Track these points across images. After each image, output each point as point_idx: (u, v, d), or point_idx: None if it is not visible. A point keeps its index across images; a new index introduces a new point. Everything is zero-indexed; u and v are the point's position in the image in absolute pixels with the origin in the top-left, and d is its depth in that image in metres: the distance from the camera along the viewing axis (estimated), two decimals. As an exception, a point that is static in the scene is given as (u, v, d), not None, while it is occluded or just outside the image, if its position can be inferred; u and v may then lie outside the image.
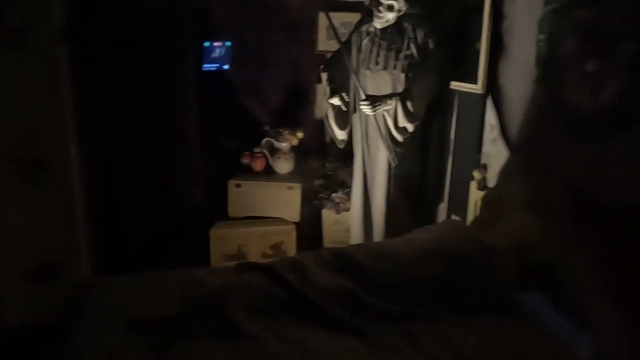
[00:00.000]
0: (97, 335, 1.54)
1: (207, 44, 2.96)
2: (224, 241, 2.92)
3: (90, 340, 1.51)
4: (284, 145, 3.00)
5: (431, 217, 2.85)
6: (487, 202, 2.22)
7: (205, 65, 2.98)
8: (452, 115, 2.69)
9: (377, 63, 2.49)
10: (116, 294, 1.79)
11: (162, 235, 2.80)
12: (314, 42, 3.19)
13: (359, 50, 2.60)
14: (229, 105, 3.11)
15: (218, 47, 3.00)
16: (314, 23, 3.12)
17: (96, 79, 2.40)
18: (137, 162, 2.70)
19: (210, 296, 1.77)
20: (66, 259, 2.22)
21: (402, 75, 2.47)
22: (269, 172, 3.07)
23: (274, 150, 3.04)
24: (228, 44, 3.02)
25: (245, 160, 3.06)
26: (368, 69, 2.53)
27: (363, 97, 2.45)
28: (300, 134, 3.03)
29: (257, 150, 3.05)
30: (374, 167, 2.62)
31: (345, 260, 1.95)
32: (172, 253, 2.79)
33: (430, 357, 1.47)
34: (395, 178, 2.58)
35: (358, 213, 2.74)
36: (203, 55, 2.96)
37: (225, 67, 3.03)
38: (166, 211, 2.82)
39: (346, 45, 2.59)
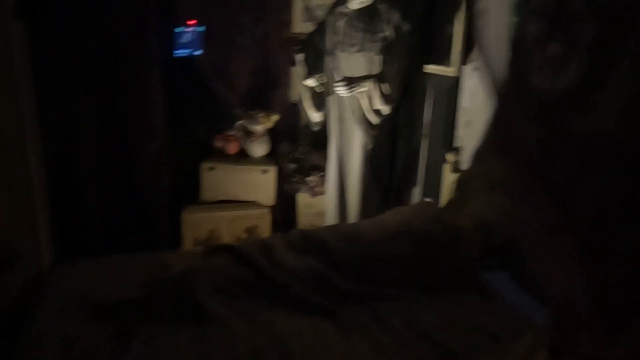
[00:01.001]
0: (57, 322, 1.49)
1: (178, 29, 2.83)
2: (196, 225, 2.87)
3: (49, 328, 1.47)
4: (258, 128, 2.95)
5: (405, 201, 2.84)
6: (459, 185, 2.22)
7: (177, 52, 2.86)
8: (424, 99, 2.68)
9: (352, 45, 2.45)
10: (77, 281, 1.74)
11: (127, 221, 2.73)
12: (287, 23, 3.12)
13: (334, 31, 2.55)
14: (199, 89, 3.04)
15: (190, 32, 2.90)
16: (287, 4, 3.05)
17: (56, 57, 2.30)
18: (99, 145, 2.60)
19: (175, 279, 1.74)
20: (25, 245, 2.15)
21: (377, 58, 2.44)
22: (242, 156, 3.02)
23: (247, 133, 2.99)
24: (200, 29, 2.91)
25: (219, 144, 3.01)
26: (343, 50, 2.49)
27: (339, 78, 2.42)
28: (275, 117, 2.98)
29: (231, 133, 2.99)
30: (349, 150, 2.60)
31: (314, 241, 1.93)
32: (138, 239, 2.73)
33: (396, 336, 1.47)
34: (370, 161, 2.56)
35: (333, 196, 2.73)
36: (173, 40, 2.84)
37: (198, 52, 2.93)
38: (130, 196, 2.75)
39: (321, 26, 2.54)
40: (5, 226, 2.09)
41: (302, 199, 3.05)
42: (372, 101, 2.44)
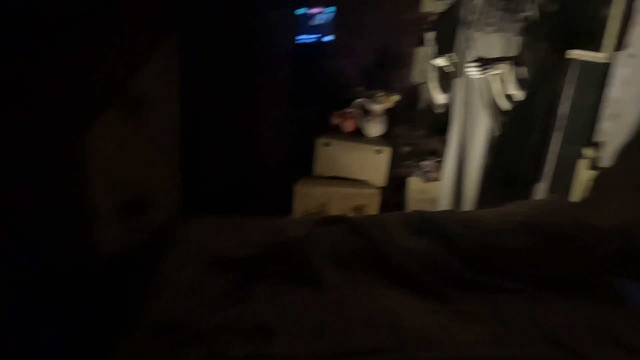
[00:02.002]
0: (183, 268, 1.59)
1: (301, 10, 2.64)
2: (307, 198, 2.93)
3: (177, 272, 1.57)
4: (377, 108, 2.91)
5: (527, 196, 2.64)
6: (598, 183, 2.00)
7: (302, 37, 2.70)
8: (562, 87, 2.45)
9: (489, 24, 2.30)
10: (201, 233, 1.84)
11: (245, 185, 2.86)
12: (416, 2, 3.03)
13: (470, 9, 2.41)
14: (321, 64, 3.06)
15: (317, 14, 2.77)
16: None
17: (198, 29, 2.45)
18: (229, 112, 2.75)
19: (293, 243, 1.77)
20: (159, 195, 2.33)
21: (516, 39, 2.27)
22: (358, 134, 3.01)
23: (365, 112, 2.97)
24: (330, 9, 2.75)
25: (336, 120, 3.02)
26: (478, 30, 2.34)
27: (472, 58, 2.29)
28: (395, 97, 2.92)
29: (349, 110, 2.99)
30: (472, 136, 2.47)
31: (432, 224, 1.86)
32: (253, 204, 2.85)
33: (518, 331, 1.36)
34: (494, 150, 2.41)
35: (449, 183, 2.61)
36: (299, 24, 2.70)
37: (328, 38, 2.77)
38: (252, 163, 2.87)
39: (456, 4, 2.42)
40: (143, 176, 2.29)
41: (414, 183, 2.97)
42: (505, 85, 2.28)
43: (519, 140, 2.48)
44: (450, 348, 1.29)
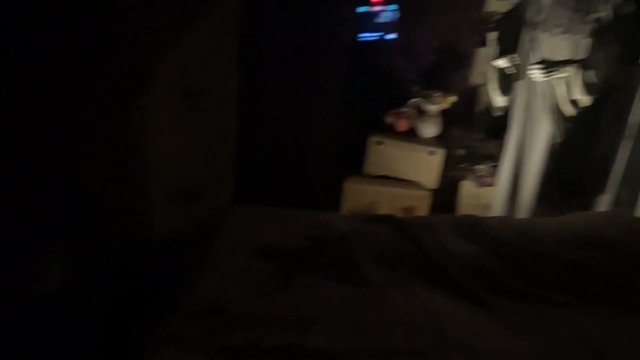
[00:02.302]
0: (228, 255, 1.63)
1: (362, 8, 2.59)
2: (355, 195, 2.92)
3: (224, 258, 1.61)
4: (432, 108, 2.85)
5: (588, 208, 2.50)
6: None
7: (363, 35, 2.66)
8: (634, 94, 2.30)
9: (557, 25, 2.19)
10: (249, 222, 1.88)
11: (295, 179, 2.89)
12: (480, 1, 2.94)
13: (537, 9, 2.31)
14: (378, 62, 3.04)
15: (380, 12, 2.73)
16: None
17: (258, 22, 2.50)
18: (284, 106, 2.79)
19: (337, 238, 1.77)
20: (212, 184, 2.39)
21: (585, 41, 2.15)
22: (412, 134, 2.97)
23: (420, 112, 2.92)
24: (393, 7, 2.68)
25: (390, 119, 2.99)
26: (545, 30, 2.24)
27: (536, 60, 2.19)
28: (452, 98, 2.85)
29: (403, 109, 2.95)
30: (532, 142, 2.36)
31: (481, 229, 1.81)
32: (302, 198, 2.87)
33: (561, 345, 1.30)
34: (555, 157, 2.30)
35: (504, 190, 2.52)
36: (360, 21, 2.66)
37: (390, 36, 2.70)
38: (303, 157, 2.90)
39: (522, 3, 2.33)
40: (198, 165, 2.37)
41: (467, 187, 2.89)
42: (570, 90, 2.16)
43: (583, 148, 2.36)
44: (489, 356, 1.25)
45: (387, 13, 2.73)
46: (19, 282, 1.96)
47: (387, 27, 2.76)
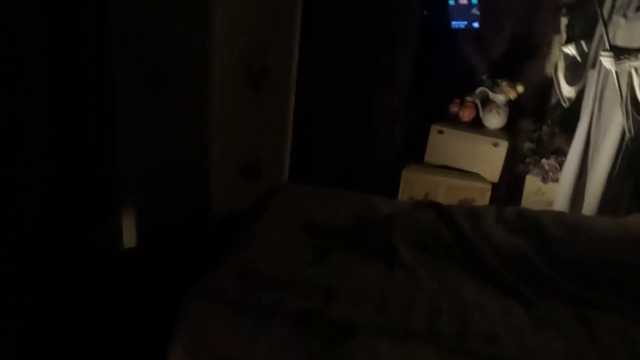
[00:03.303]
0: (272, 228, 1.72)
1: (452, 2, 2.87)
2: (413, 184, 2.90)
3: (266, 230, 1.70)
4: (499, 98, 2.75)
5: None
6: None
7: (454, 22, 2.89)
8: None
9: (638, 8, 2.02)
10: (297, 200, 1.96)
11: (355, 164, 2.92)
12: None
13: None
14: (447, 50, 2.97)
15: (464, 6, 2.89)
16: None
17: (323, 12, 2.55)
18: (347, 92, 2.82)
19: (378, 221, 1.80)
20: (271, 160, 2.51)
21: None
22: (476, 125, 2.88)
23: (486, 102, 2.82)
24: (474, 1, 2.84)
25: (454, 108, 2.93)
26: (624, 15, 2.08)
27: (609, 47, 2.05)
28: (520, 88, 2.73)
29: (468, 99, 2.88)
30: (602, 135, 2.21)
31: (530, 223, 1.74)
32: (361, 183, 2.91)
33: (602, 348, 1.24)
34: (626, 153, 2.14)
35: (568, 186, 2.39)
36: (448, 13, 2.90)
37: (475, 25, 2.87)
38: (363, 143, 2.92)
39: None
40: (260, 143, 2.49)
41: (532, 182, 2.77)
42: (646, 81, 2.00)
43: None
44: (514, 349, 1.23)
45: (469, 4, 2.84)
46: (97, 240, 2.20)
47: (471, 16, 2.87)
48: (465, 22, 2.91)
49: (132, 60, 2.03)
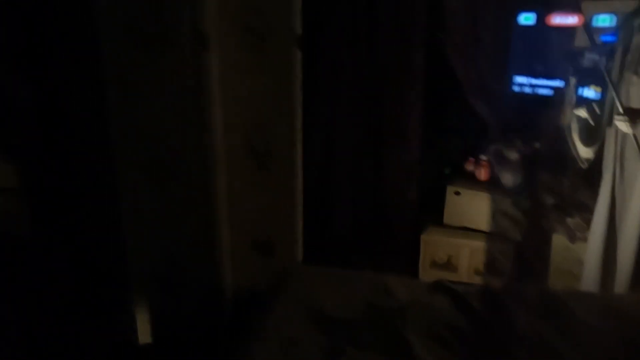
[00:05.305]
0: (283, 323, 1.67)
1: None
2: (434, 248, 2.81)
3: (276, 327, 1.65)
4: (514, 156, 2.66)
5: None
6: None
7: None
8: None
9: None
10: (310, 283, 1.91)
11: (371, 230, 2.86)
12: (572, 36, 2.71)
13: (627, 49, 2.08)
14: (456, 104, 2.92)
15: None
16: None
17: (323, 78, 2.56)
18: (355, 153, 2.79)
19: (394, 310, 1.72)
20: (284, 237, 2.47)
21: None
22: (493, 182, 2.79)
23: (501, 159, 2.74)
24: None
25: (469, 167, 2.86)
26: (636, 73, 2.01)
27: (622, 109, 1.97)
28: (537, 145, 2.64)
29: (483, 157, 2.80)
30: (627, 195, 2.10)
31: (557, 308, 1.63)
32: (379, 249, 2.83)
33: None
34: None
35: (597, 248, 2.25)
36: None
37: None
38: (378, 207, 2.86)
39: (606, 46, 2.11)
40: (270, 220, 2.46)
41: (559, 240, 2.63)
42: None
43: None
44: None
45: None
46: (105, 332, 2.18)
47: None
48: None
49: (133, 155, 2.06)
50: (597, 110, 2.16)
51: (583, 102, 2.19)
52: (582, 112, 2.18)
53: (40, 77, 2.27)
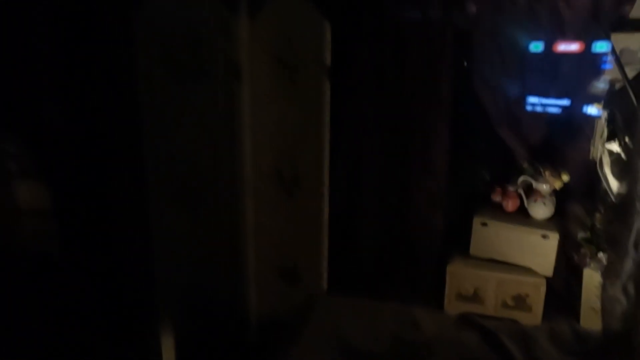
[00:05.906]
0: (310, 350, 1.66)
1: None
2: (460, 279, 2.75)
3: (303, 354, 1.65)
4: (543, 188, 2.63)
5: None
6: None
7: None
8: None
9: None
10: (337, 315, 1.91)
11: (396, 259, 2.83)
12: (598, 70, 2.69)
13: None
14: (484, 134, 2.92)
15: None
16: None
17: (351, 108, 2.60)
18: (381, 185, 2.80)
19: (421, 344, 1.70)
20: (309, 265, 2.47)
21: None
22: (522, 215, 2.75)
23: (530, 191, 2.70)
24: None
25: (497, 198, 2.82)
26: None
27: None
28: (565, 177, 2.60)
29: (511, 188, 2.77)
30: (662, 231, 2.04)
31: (591, 345, 1.58)
32: (404, 278, 2.80)
33: None
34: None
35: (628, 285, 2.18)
36: None
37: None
38: (403, 236, 2.85)
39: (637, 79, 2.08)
40: (295, 247, 2.47)
41: (591, 276, 2.56)
42: None
43: None
44: None
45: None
46: (130, 355, 2.19)
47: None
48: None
49: (165, 181, 2.11)
50: (630, 143, 2.12)
51: (614, 135, 2.15)
52: (614, 146, 2.14)
53: (78, 105, 2.37)
